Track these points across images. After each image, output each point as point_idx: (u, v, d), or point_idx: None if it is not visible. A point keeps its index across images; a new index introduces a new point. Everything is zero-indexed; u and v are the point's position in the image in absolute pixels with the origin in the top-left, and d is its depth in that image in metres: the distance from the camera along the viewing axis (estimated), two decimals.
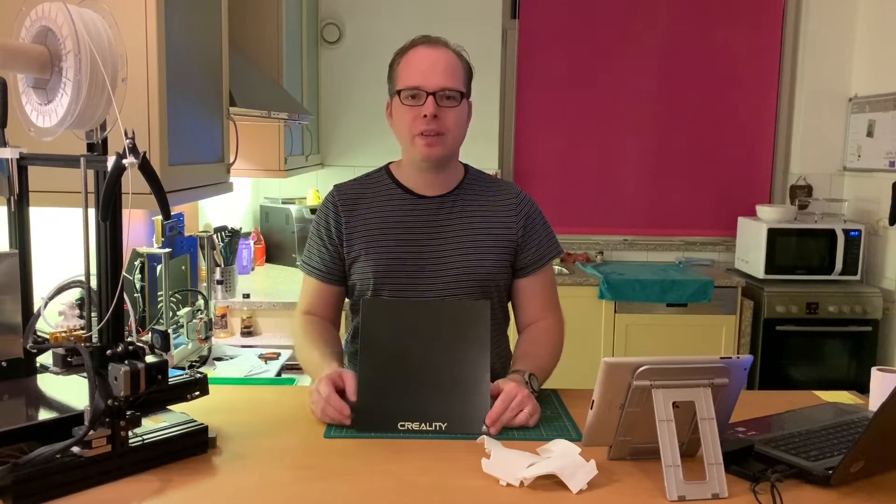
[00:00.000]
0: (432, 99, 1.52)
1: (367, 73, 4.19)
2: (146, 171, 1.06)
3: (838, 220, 4.12)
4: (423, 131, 1.54)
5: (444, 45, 1.58)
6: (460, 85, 1.56)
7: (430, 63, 1.54)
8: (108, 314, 1.09)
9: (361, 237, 1.61)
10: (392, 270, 1.59)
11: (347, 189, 1.67)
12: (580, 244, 4.47)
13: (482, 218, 1.64)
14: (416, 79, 1.53)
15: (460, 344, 1.39)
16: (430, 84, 1.52)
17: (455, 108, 1.55)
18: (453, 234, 1.62)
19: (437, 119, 1.53)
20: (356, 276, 1.63)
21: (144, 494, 1.08)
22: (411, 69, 1.55)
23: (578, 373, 1.91)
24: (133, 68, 1.52)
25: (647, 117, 4.41)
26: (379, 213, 1.63)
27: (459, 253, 1.61)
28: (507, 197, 1.68)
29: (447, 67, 1.54)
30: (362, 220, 1.63)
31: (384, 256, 1.60)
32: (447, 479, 1.15)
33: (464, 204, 1.65)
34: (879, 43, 4.08)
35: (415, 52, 1.56)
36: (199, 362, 2.33)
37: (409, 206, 1.63)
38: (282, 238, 3.88)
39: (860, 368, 3.88)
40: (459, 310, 1.45)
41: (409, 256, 1.60)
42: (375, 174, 1.70)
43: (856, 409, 1.45)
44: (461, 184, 1.67)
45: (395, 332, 1.40)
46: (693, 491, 1.09)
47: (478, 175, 1.71)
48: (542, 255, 1.67)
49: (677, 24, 4.34)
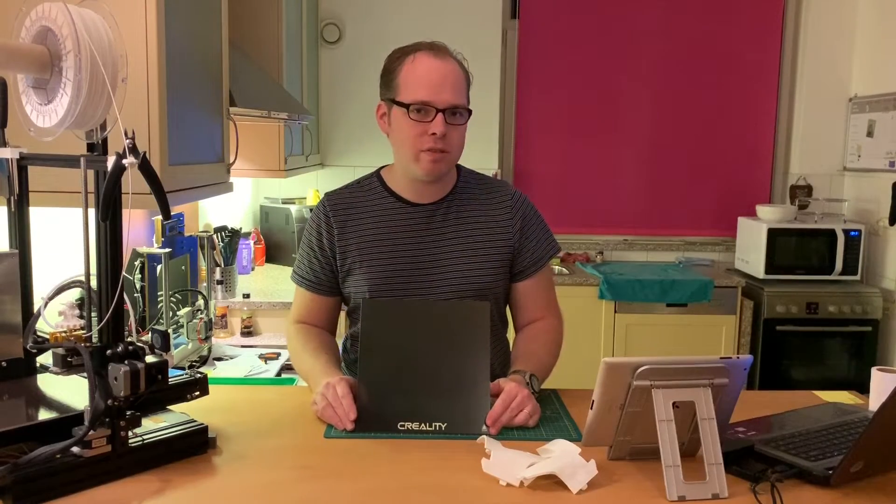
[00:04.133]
0: (442, 116, 1.47)
1: (367, 73, 4.19)
2: (146, 171, 1.06)
3: (838, 220, 4.12)
4: (429, 148, 1.49)
5: (449, 56, 1.53)
6: (466, 100, 1.53)
7: (440, 77, 1.48)
8: (108, 314, 1.09)
9: (355, 249, 1.58)
10: (387, 282, 1.56)
11: (339, 198, 1.63)
12: (580, 244, 4.47)
13: (477, 223, 1.61)
14: (425, 93, 1.47)
15: (460, 344, 1.39)
16: (440, 100, 1.47)
17: (461, 125, 1.52)
18: (448, 243, 1.59)
19: (444, 137, 1.49)
20: (351, 288, 1.60)
21: (144, 494, 1.08)
22: (420, 81, 1.48)
23: (578, 373, 1.91)
24: (133, 68, 1.52)
25: (647, 117, 4.41)
26: (371, 224, 1.59)
27: (455, 262, 1.58)
28: (501, 198, 1.64)
29: (456, 82, 1.50)
30: (355, 231, 1.59)
31: (378, 268, 1.57)
32: (447, 479, 1.15)
33: (458, 210, 1.61)
34: (879, 43, 4.08)
35: (420, 62, 1.49)
36: (199, 362, 2.33)
37: (401, 215, 1.59)
38: (282, 238, 3.88)
39: (860, 368, 3.88)
40: (459, 310, 1.45)
41: (404, 267, 1.57)
42: (367, 181, 1.65)
43: (856, 409, 1.45)
44: (454, 188, 1.62)
45: (396, 333, 1.40)
46: (693, 491, 1.09)
47: (470, 176, 1.67)
48: (539, 257, 1.65)
49: (677, 25, 4.34)
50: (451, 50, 1.55)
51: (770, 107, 4.42)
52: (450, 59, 1.52)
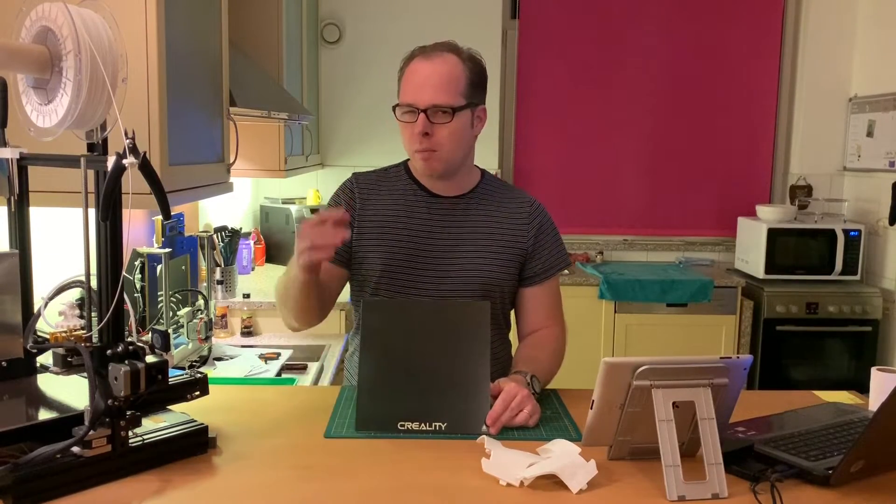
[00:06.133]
0: (424, 116, 1.52)
1: (367, 73, 4.19)
2: (146, 171, 1.06)
3: (838, 220, 4.12)
4: (418, 148, 1.55)
5: (444, 53, 1.54)
6: (454, 98, 1.53)
7: (423, 78, 1.52)
8: (108, 314, 1.09)
9: (373, 228, 1.62)
10: (399, 264, 1.60)
11: (366, 178, 1.69)
12: (580, 244, 4.47)
13: (494, 222, 1.65)
14: (409, 95, 1.54)
15: (461, 344, 1.39)
16: (422, 100, 1.52)
17: (447, 123, 1.53)
18: (464, 236, 1.63)
19: (429, 136, 1.53)
20: (364, 265, 1.63)
21: (144, 494, 1.08)
22: (407, 84, 1.55)
23: (578, 373, 1.91)
24: (133, 68, 1.51)
25: (647, 117, 4.41)
26: (392, 207, 1.64)
27: (467, 254, 1.61)
28: (520, 205, 1.68)
29: (440, 81, 1.52)
30: (376, 211, 1.64)
31: (393, 249, 1.60)
32: (447, 479, 1.15)
33: (477, 207, 1.66)
34: (879, 43, 4.08)
35: (412, 65, 1.55)
36: (199, 362, 2.33)
37: (423, 204, 1.64)
38: (282, 238, 3.88)
39: (860, 368, 3.88)
40: (460, 310, 1.45)
41: (418, 252, 1.61)
42: (395, 168, 1.71)
43: (856, 409, 1.45)
44: (476, 187, 1.68)
45: (396, 332, 1.40)
46: (693, 491, 1.09)
47: (493, 181, 1.72)
48: (550, 266, 1.67)
49: (677, 24, 4.34)
50: (452, 46, 1.57)
51: (770, 107, 4.42)
52: (441, 58, 1.54)
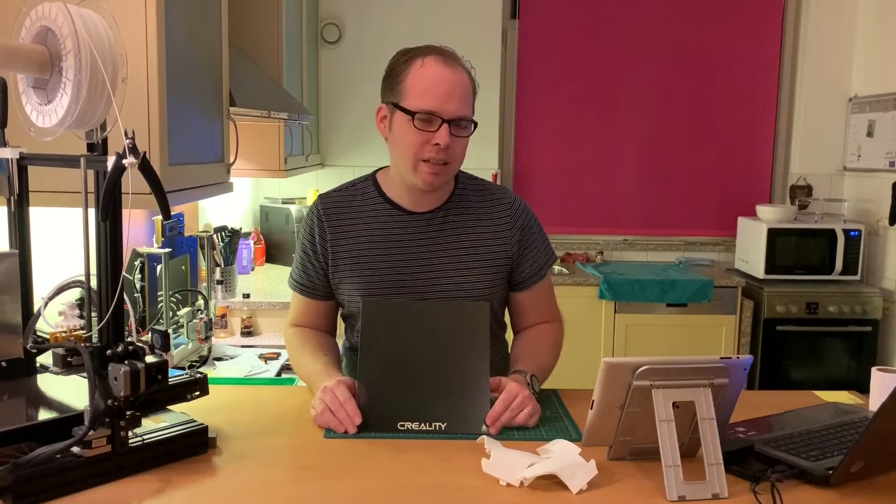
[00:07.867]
0: (447, 127, 1.43)
1: (367, 73, 4.19)
2: (146, 171, 1.06)
3: (838, 220, 4.12)
4: (430, 158, 1.45)
5: (459, 64, 1.48)
6: (472, 111, 1.49)
7: (449, 86, 1.43)
8: (108, 314, 1.09)
9: (347, 257, 1.55)
10: (381, 292, 1.53)
11: (332, 202, 1.58)
12: (580, 244, 4.47)
13: (474, 233, 1.57)
14: (432, 103, 1.42)
15: (460, 344, 1.39)
16: (448, 111, 1.43)
17: (466, 137, 1.48)
18: (444, 253, 1.55)
19: (447, 149, 1.45)
20: (343, 296, 1.58)
21: (144, 494, 1.08)
22: (428, 90, 1.43)
23: (578, 373, 1.91)
24: (133, 68, 1.51)
25: (647, 117, 4.41)
26: (365, 231, 1.55)
27: (451, 273, 1.55)
28: (500, 207, 1.59)
29: (464, 93, 1.45)
30: (348, 237, 1.55)
31: (371, 278, 1.53)
32: (447, 479, 1.15)
33: (455, 219, 1.57)
34: (879, 43, 4.08)
35: (429, 68, 1.44)
36: (199, 362, 2.33)
37: (396, 223, 1.55)
38: (282, 238, 3.89)
39: (860, 368, 3.88)
40: (459, 310, 1.45)
41: (398, 277, 1.53)
42: (362, 184, 1.61)
43: (856, 409, 1.45)
44: (451, 196, 1.58)
45: (395, 333, 1.40)
46: (693, 491, 1.09)
47: (469, 183, 1.62)
48: (539, 268, 1.62)
49: (677, 24, 4.34)
50: (460, 58, 1.50)
51: (770, 107, 4.42)
52: (459, 68, 1.47)
